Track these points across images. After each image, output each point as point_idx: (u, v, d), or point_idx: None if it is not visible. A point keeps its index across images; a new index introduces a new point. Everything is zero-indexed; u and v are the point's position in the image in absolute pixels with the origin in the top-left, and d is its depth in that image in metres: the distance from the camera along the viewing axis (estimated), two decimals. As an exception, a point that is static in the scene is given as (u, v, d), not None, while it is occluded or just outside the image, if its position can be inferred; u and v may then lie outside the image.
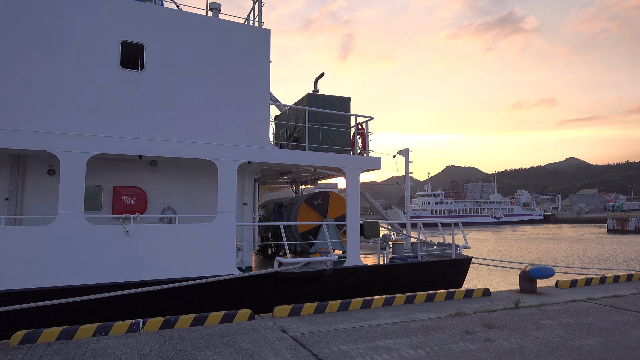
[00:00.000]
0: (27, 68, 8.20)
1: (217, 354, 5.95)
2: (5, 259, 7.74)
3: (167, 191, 10.47)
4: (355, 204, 11.27)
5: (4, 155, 9.17)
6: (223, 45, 9.87)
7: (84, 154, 8.42)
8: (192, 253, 9.12)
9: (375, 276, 11.25)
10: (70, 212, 8.23)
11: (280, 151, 10.40)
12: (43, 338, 6.74)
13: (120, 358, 5.85)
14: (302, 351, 6.01)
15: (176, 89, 9.35)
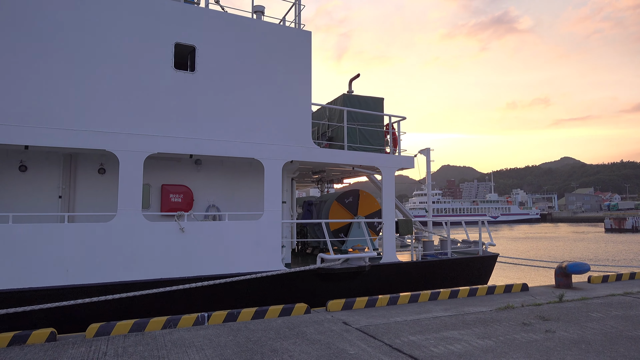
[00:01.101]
0: (87, 70, 8.42)
1: (293, 344, 6.21)
2: (70, 255, 7.97)
3: (211, 189, 10.71)
4: (390, 202, 11.56)
5: (57, 155, 9.38)
6: (268, 47, 10.12)
7: (141, 153, 8.65)
8: (241, 249, 9.38)
9: (409, 272, 11.55)
10: (129, 210, 8.47)
11: (321, 150, 10.67)
12: (116, 330, 6.99)
13: (202, 348, 6.10)
14: (374, 342, 6.29)
15: (225, 90, 9.59)
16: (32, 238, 7.74)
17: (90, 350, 6.08)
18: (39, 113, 7.99)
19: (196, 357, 5.72)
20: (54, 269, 7.85)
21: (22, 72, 7.95)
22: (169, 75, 9.07)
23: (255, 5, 10.56)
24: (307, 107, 10.49)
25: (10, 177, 9.04)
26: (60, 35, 8.26)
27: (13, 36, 7.92)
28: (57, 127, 8.07)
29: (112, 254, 8.27)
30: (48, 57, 8.15)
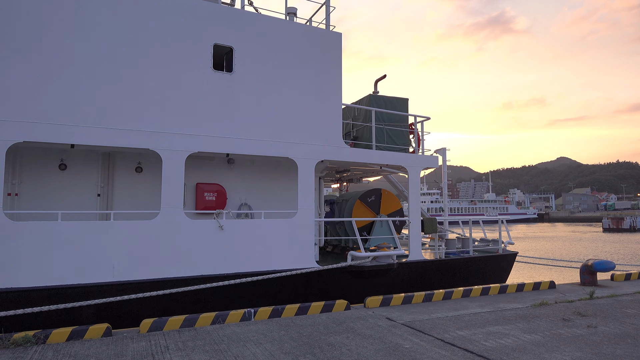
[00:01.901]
0: (132, 70, 8.58)
1: (346, 339, 6.41)
2: (115, 252, 8.13)
3: (242, 187, 10.89)
4: (417, 200, 11.77)
5: (96, 153, 9.54)
6: (301, 48, 10.30)
7: (183, 152, 8.82)
8: (277, 247, 9.56)
9: (434, 270, 11.77)
10: (172, 208, 8.64)
11: (352, 150, 10.87)
12: (169, 326, 7.16)
13: (260, 342, 6.29)
14: (425, 336, 6.49)
15: (261, 90, 9.77)
16: (80, 235, 7.91)
17: (151, 344, 6.26)
18: (86, 112, 8.14)
19: (257, 351, 5.91)
20: (101, 266, 8.01)
21: (70, 73, 8.10)
22: (209, 75, 9.24)
23: (289, 7, 10.73)
24: (337, 107, 10.68)
25: (50, 176, 9.19)
26: (105, 36, 8.42)
27: (59, 37, 8.07)
28: (104, 127, 8.23)
29: (155, 251, 8.44)
30: (94, 58, 8.31)
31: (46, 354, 5.94)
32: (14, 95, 7.67)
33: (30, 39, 7.86)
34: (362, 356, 5.66)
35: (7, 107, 7.61)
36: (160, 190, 10.03)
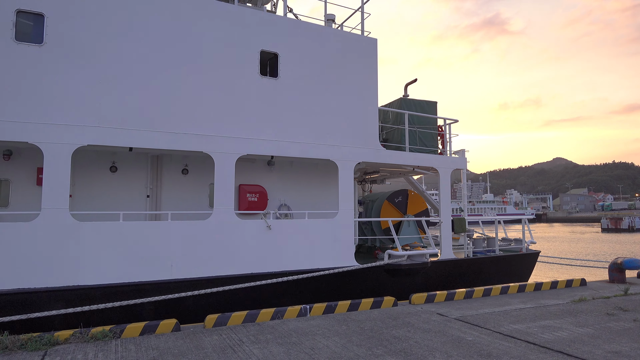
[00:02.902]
0: (185, 76, 8.89)
1: (408, 332, 6.75)
2: (173, 251, 8.44)
3: (282, 188, 11.22)
4: (447, 201, 12.13)
5: (145, 156, 9.84)
6: (340, 53, 10.64)
7: (234, 154, 9.14)
8: (320, 246, 9.89)
9: (464, 268, 12.13)
10: (224, 208, 8.95)
11: (387, 152, 11.21)
12: (232, 321, 7.48)
13: (327, 336, 6.61)
14: (483, 330, 6.84)
15: (304, 95, 10.10)
16: (140, 235, 8.21)
17: (223, 338, 6.57)
18: (143, 117, 8.45)
19: (328, 343, 6.24)
20: (160, 264, 8.31)
21: (128, 79, 8.41)
22: (256, 81, 9.56)
23: (328, 14, 11.07)
24: (374, 111, 11.03)
25: (101, 177, 9.48)
26: (161, 44, 8.72)
27: (118, 45, 8.38)
28: (161, 130, 8.54)
29: (209, 249, 8.75)
30: (151, 65, 8.61)
31: (128, 346, 6.24)
32: (78, 101, 7.97)
33: (93, 47, 8.16)
34: (431, 348, 5.99)
35: (72, 111, 7.91)
36: (205, 191, 10.37)
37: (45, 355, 5.89)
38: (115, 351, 6.04)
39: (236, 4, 9.61)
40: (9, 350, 6.11)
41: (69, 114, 7.87)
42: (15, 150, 8.88)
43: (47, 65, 7.84)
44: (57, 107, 7.83)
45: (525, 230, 14.31)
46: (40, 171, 9.01)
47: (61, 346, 6.29)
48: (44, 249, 7.51)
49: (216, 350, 6.03)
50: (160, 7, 8.75)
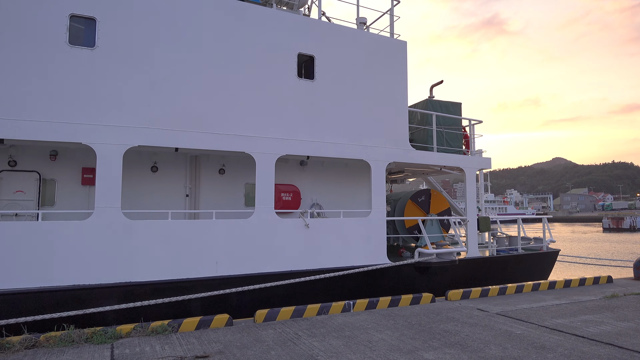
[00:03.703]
0: (227, 78, 9.12)
1: (455, 326, 6.99)
2: (218, 248, 8.67)
3: (314, 188, 11.46)
4: (473, 200, 12.38)
5: (184, 156, 10.08)
6: (373, 55, 10.88)
7: (273, 155, 9.38)
8: (355, 244, 10.13)
9: (488, 266, 12.38)
10: (265, 207, 9.19)
11: (416, 152, 11.45)
12: (281, 316, 7.72)
13: (379, 330, 6.85)
14: (528, 324, 7.08)
15: (338, 96, 10.34)
16: (188, 233, 8.44)
17: (279, 332, 6.81)
18: (189, 118, 8.68)
19: (383, 337, 6.48)
20: (206, 261, 8.55)
21: (175, 82, 8.63)
22: (294, 83, 9.80)
23: (360, 17, 11.31)
24: (404, 112, 11.27)
25: (143, 177, 9.71)
26: (206, 49, 8.95)
27: (167, 49, 8.61)
28: (206, 132, 8.77)
29: (251, 247, 8.99)
30: (196, 68, 8.84)
31: (190, 340, 6.48)
32: (128, 103, 8.20)
33: (141, 51, 8.39)
34: (484, 341, 6.24)
35: (123, 113, 8.15)
36: (240, 190, 10.61)
37: (113, 348, 6.13)
38: (180, 344, 6.27)
39: (274, 8, 9.84)
40: (76, 344, 6.34)
41: (120, 116, 8.10)
42: (61, 150, 9.11)
43: (99, 68, 8.07)
44: (109, 109, 8.06)
45: (536, 229, 14.56)
46: (85, 171, 9.27)
47: (125, 339, 6.53)
48: (98, 246, 7.74)
49: (277, 343, 6.27)
50: (204, 12, 8.99)
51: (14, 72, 7.54)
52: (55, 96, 7.75)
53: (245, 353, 5.85)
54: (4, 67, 7.47)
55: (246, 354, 5.80)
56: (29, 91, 7.60)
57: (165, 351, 5.97)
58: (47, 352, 5.99)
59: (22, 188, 8.86)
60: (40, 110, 7.62)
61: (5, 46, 7.49)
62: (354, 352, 5.82)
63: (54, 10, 7.81)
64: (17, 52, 7.56)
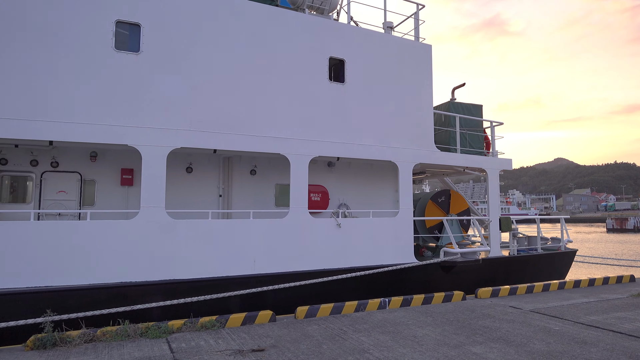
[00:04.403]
0: (263, 82, 9.36)
1: (493, 322, 7.23)
2: (255, 247, 8.92)
3: (341, 188, 11.71)
4: (496, 200, 12.62)
5: (217, 157, 10.33)
6: (399, 59, 11.12)
7: (307, 156, 9.63)
8: (384, 243, 10.37)
9: (510, 266, 12.61)
10: (299, 207, 9.44)
11: (441, 153, 11.69)
12: (321, 313, 7.97)
13: (420, 326, 7.09)
14: (564, 321, 7.32)
15: (367, 99, 10.58)
16: (228, 232, 8.69)
17: (323, 328, 7.05)
18: (228, 121, 8.93)
19: (426, 332, 6.72)
20: (244, 259, 8.80)
21: (216, 86, 8.88)
22: (326, 86, 10.04)
23: (387, 22, 11.56)
24: (429, 114, 11.50)
25: (179, 178, 9.96)
26: (244, 53, 9.20)
27: (207, 54, 8.85)
28: (244, 134, 9.02)
29: (286, 246, 9.23)
30: (235, 72, 9.09)
31: (240, 334, 6.73)
32: (171, 106, 8.46)
33: (183, 55, 8.65)
34: (525, 336, 6.47)
35: (166, 116, 8.40)
36: (271, 190, 10.86)
37: (169, 342, 6.38)
38: (232, 339, 6.52)
39: (306, 13, 10.09)
40: (131, 338, 6.60)
41: (163, 118, 8.35)
42: (100, 152, 9.36)
43: (144, 72, 8.32)
44: (153, 112, 8.31)
45: (553, 229, 14.78)
46: (124, 172, 9.52)
47: (178, 334, 6.78)
48: (143, 245, 7.99)
49: (325, 337, 6.51)
50: (242, 17, 9.24)
51: (63, 76, 7.79)
52: (103, 100, 8.00)
53: (298, 347, 6.09)
54: (55, 72, 7.72)
55: (299, 348, 6.05)
56: (77, 95, 7.86)
57: (220, 345, 6.22)
58: (106, 345, 6.25)
59: (65, 188, 9.11)
60: (89, 114, 7.87)
61: (54, 51, 7.75)
62: (402, 347, 6.06)
63: (101, 17, 8.07)
64: (66, 57, 7.82)
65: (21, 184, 8.87)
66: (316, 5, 10.69)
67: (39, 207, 8.84)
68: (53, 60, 7.74)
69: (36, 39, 7.65)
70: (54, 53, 7.75)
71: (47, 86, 7.67)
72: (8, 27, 7.50)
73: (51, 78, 7.70)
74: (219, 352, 5.92)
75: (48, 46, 7.71)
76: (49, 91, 7.67)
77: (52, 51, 7.73)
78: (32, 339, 6.23)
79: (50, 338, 6.22)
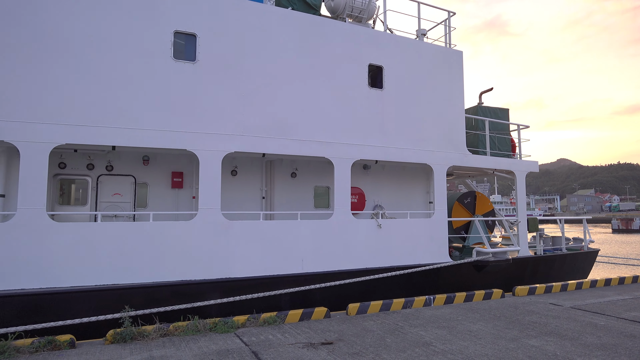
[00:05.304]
0: (309, 89, 9.75)
1: (539, 317, 7.59)
2: (303, 247, 9.31)
3: (376, 190, 12.10)
4: (523, 202, 12.99)
5: (260, 161, 10.73)
6: (433, 65, 11.51)
7: (350, 159, 10.02)
8: (419, 243, 10.75)
9: (537, 265, 12.98)
10: (343, 208, 9.82)
11: (473, 156, 12.07)
12: (371, 309, 8.36)
13: (472, 321, 7.47)
14: (606, 316, 7.68)
15: (404, 104, 10.96)
16: (278, 233, 9.08)
17: (379, 323, 7.43)
18: (277, 126, 9.33)
19: (479, 327, 7.09)
20: (293, 258, 9.19)
21: (265, 92, 9.28)
22: (366, 92, 10.44)
23: (420, 29, 11.95)
24: (461, 118, 11.88)
25: (224, 181, 10.32)
26: (290, 60, 9.60)
27: (257, 63, 9.25)
28: (291, 138, 9.41)
29: (331, 246, 9.61)
30: (283, 79, 9.49)
31: (302, 329, 7.12)
32: (225, 113, 8.86)
33: (236, 64, 9.04)
34: (575, 331, 6.84)
35: (221, 122, 8.80)
36: (310, 192, 11.27)
37: (238, 336, 6.77)
38: (296, 333, 6.91)
39: (347, 22, 10.49)
40: (201, 332, 6.99)
41: (218, 124, 8.75)
42: (152, 156, 9.77)
43: (199, 80, 8.72)
44: (208, 118, 8.71)
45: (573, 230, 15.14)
46: (174, 175, 9.94)
47: (243, 329, 7.17)
48: (202, 245, 8.38)
49: (385, 332, 6.89)
50: (289, 27, 9.64)
51: (126, 84, 8.19)
52: (163, 106, 8.40)
53: (364, 340, 6.48)
54: (118, 80, 8.12)
55: (365, 341, 6.43)
56: (139, 102, 8.26)
57: (288, 339, 6.60)
58: (181, 339, 6.64)
59: (119, 191, 9.53)
60: (150, 120, 8.27)
61: (119, 61, 8.15)
62: (462, 340, 6.44)
63: (161, 28, 8.48)
64: (129, 66, 8.22)
65: (79, 187, 9.28)
66: (355, 14, 11.08)
67: (95, 209, 9.25)
68: (117, 70, 8.14)
69: (102, 49, 8.05)
70: (119, 63, 8.16)
71: (111, 94, 8.07)
72: (77, 39, 7.91)
73: (115, 86, 8.10)
74: (291, 345, 6.30)
75: (113, 56, 8.12)
76: (113, 99, 8.07)
77: (116, 61, 8.14)
78: (112, 333, 6.62)
79: (129, 332, 6.62)
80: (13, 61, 7.51)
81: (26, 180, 7.38)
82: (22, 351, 6.06)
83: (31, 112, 7.54)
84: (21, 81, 7.53)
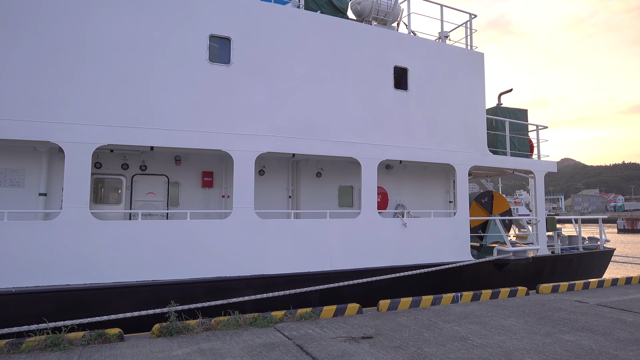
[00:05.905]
0: (338, 90, 9.97)
1: (567, 314, 7.80)
2: (332, 245, 9.53)
3: (398, 190, 12.32)
4: (542, 201, 13.18)
5: (286, 160, 10.97)
6: (456, 67, 11.71)
7: (376, 160, 10.24)
8: (443, 242, 10.96)
9: (555, 264, 13.17)
10: (369, 208, 10.05)
11: (493, 156, 12.27)
12: (401, 306, 8.57)
13: (503, 317, 7.67)
14: (633, 313, 7.88)
15: (428, 105, 11.17)
16: (308, 231, 9.31)
17: (412, 319, 7.65)
18: (306, 127, 9.55)
19: (511, 323, 7.30)
20: (323, 256, 9.41)
21: (296, 94, 9.50)
22: (391, 94, 10.65)
23: (443, 32, 12.16)
24: (482, 119, 12.08)
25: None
26: (319, 63, 9.82)
27: (288, 65, 9.48)
28: (320, 139, 9.64)
29: (359, 244, 9.84)
30: (312, 81, 9.71)
31: (339, 324, 7.34)
32: (258, 114, 9.09)
33: (268, 67, 9.27)
34: (605, 327, 7.04)
35: (254, 123, 9.03)
36: (335, 192, 11.50)
37: (279, 330, 6.99)
38: (334, 328, 7.13)
39: (373, 25, 10.70)
40: (242, 327, 7.22)
41: (251, 125, 8.99)
42: (184, 156, 10.01)
43: (233, 83, 8.96)
44: (242, 119, 8.95)
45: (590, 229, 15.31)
46: (205, 175, 10.18)
47: (282, 324, 7.40)
48: (236, 242, 8.62)
49: (420, 327, 7.11)
50: (318, 29, 9.86)
51: (162, 87, 8.43)
52: (198, 108, 8.64)
53: (401, 335, 6.70)
54: (154, 83, 8.36)
55: (402, 336, 6.65)
56: (176, 104, 8.50)
57: (328, 333, 6.83)
58: (224, 334, 6.87)
59: (153, 190, 9.77)
60: (186, 121, 8.51)
61: (157, 64, 8.39)
62: (497, 335, 6.65)
63: (197, 31, 8.72)
64: (167, 69, 8.46)
65: (114, 186, 9.53)
66: (380, 17, 11.29)
67: (130, 208, 9.50)
68: (155, 73, 8.38)
69: (141, 53, 8.29)
70: (157, 66, 8.39)
71: (149, 96, 8.31)
72: (117, 44, 8.16)
73: (153, 89, 8.34)
74: (332, 339, 6.53)
75: (151, 60, 8.36)
76: (151, 101, 8.31)
77: (154, 64, 8.38)
78: (158, 327, 6.87)
79: (174, 326, 6.86)
80: (57, 66, 7.77)
81: (71, 179, 7.63)
82: (75, 343, 6.31)
83: (74, 113, 7.79)
84: (65, 84, 7.79)
